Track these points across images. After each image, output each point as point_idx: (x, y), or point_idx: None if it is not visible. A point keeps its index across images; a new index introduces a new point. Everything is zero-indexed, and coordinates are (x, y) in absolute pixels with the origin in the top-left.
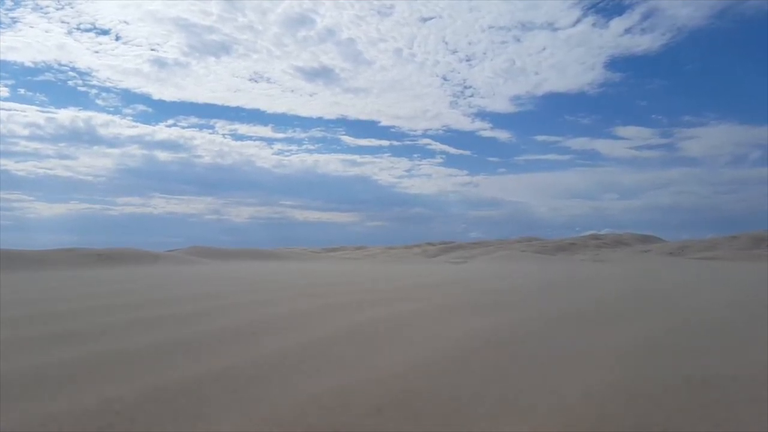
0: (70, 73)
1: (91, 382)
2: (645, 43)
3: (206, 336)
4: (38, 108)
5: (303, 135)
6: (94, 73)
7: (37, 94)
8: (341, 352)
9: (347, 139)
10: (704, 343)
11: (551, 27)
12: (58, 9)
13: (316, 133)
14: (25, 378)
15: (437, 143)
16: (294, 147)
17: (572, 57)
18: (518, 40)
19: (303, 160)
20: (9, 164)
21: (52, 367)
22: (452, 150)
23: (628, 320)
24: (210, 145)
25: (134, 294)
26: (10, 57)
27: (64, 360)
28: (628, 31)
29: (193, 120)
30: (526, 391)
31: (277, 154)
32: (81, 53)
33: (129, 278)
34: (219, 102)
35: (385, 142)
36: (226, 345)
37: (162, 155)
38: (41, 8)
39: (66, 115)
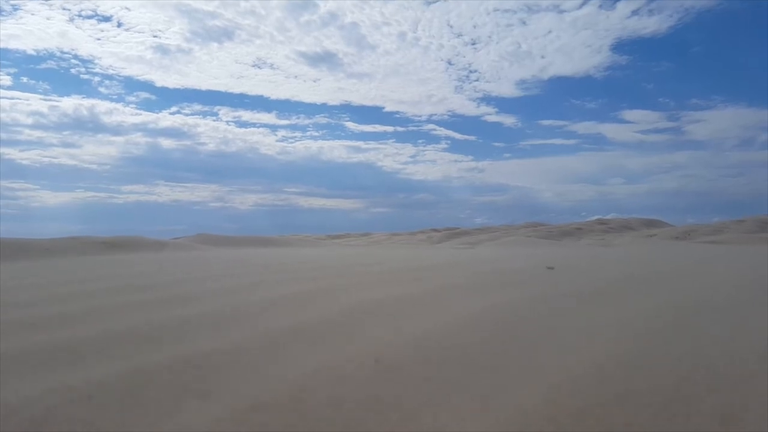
0: (73, 61)
1: (95, 358)
2: (652, 25)
3: (213, 314)
4: (41, 96)
5: (307, 121)
6: (96, 61)
7: (40, 83)
8: (345, 329)
9: (351, 126)
10: (705, 322)
11: (557, 9)
12: None
13: (320, 119)
14: (26, 356)
15: (442, 128)
16: (298, 133)
17: (578, 40)
18: (524, 23)
19: (307, 146)
20: (13, 153)
21: (51, 346)
22: (457, 135)
23: (632, 299)
24: (214, 132)
25: (141, 277)
26: (12, 45)
27: (65, 339)
28: (635, 12)
29: (197, 107)
30: (528, 360)
31: (281, 140)
32: (83, 40)
33: (136, 264)
34: (222, 89)
35: (389, 128)
36: (231, 323)
37: (166, 143)
38: None
39: (69, 103)
